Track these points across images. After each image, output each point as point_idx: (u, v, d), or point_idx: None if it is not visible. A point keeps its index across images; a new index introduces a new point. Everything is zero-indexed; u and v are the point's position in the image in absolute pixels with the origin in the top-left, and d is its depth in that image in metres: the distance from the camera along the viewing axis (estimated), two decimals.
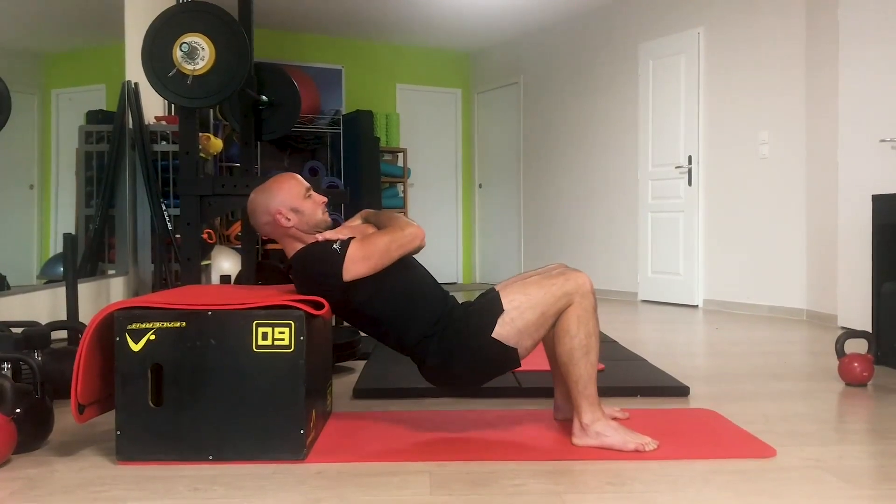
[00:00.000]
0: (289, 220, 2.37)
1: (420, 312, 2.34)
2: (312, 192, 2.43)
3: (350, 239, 2.30)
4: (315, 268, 2.30)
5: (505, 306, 2.27)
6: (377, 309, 2.33)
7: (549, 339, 2.41)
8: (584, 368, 2.25)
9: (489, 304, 2.31)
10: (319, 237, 2.35)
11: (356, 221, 2.55)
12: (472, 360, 2.31)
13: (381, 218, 2.48)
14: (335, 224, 2.48)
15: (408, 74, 9.10)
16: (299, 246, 2.39)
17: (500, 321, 2.26)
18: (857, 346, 3.42)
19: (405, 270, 2.37)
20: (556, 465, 2.11)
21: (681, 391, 3.03)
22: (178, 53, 3.22)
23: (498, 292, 2.33)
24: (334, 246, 2.28)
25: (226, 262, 5.60)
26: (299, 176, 2.48)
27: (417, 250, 2.41)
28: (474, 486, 1.94)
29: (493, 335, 2.26)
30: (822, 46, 5.33)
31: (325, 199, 2.46)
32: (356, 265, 2.26)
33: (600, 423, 2.26)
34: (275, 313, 2.14)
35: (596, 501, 1.85)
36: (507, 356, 2.29)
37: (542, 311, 2.26)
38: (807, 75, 5.52)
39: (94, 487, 1.94)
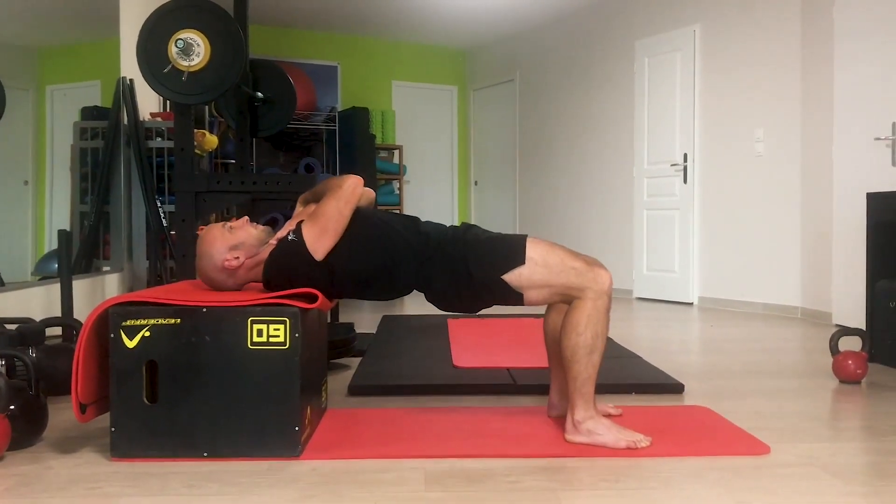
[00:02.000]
0: (237, 258, 2.35)
1: (404, 246, 2.35)
2: (229, 223, 2.43)
3: (299, 224, 2.31)
4: (285, 264, 2.29)
5: (526, 259, 2.27)
6: (365, 266, 2.34)
7: (552, 330, 2.41)
8: (584, 367, 2.25)
9: (511, 249, 2.31)
10: (273, 243, 2.34)
11: (299, 208, 2.54)
12: (477, 290, 2.32)
13: (316, 190, 2.47)
14: (274, 223, 2.48)
15: (404, 71, 9.09)
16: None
17: (515, 270, 2.27)
18: (852, 344, 3.43)
19: (366, 220, 2.38)
20: (550, 462, 2.12)
21: (675, 388, 3.03)
22: (173, 50, 3.22)
23: (526, 242, 2.32)
24: (290, 238, 2.28)
25: None
26: (210, 223, 2.48)
27: (368, 201, 2.45)
28: (469, 483, 1.95)
29: (502, 277, 2.27)
30: (818, 45, 5.34)
31: (246, 217, 2.47)
32: (319, 240, 2.26)
33: (592, 420, 2.26)
34: (270, 310, 2.14)
35: (590, 499, 1.85)
36: (512, 295, 2.30)
37: (549, 282, 2.27)
38: (802, 73, 5.53)
39: (89, 484, 1.94)
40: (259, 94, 4.33)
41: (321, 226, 2.27)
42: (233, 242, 2.36)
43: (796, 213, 5.62)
